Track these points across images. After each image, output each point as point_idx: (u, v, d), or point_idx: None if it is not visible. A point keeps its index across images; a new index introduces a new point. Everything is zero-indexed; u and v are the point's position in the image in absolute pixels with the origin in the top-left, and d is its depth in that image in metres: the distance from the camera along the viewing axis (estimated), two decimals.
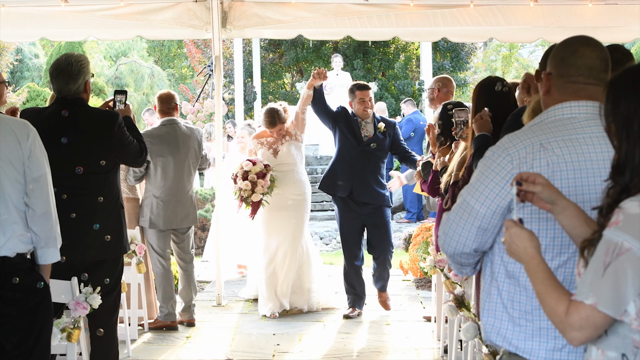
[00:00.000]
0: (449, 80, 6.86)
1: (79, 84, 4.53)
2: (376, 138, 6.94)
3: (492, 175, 2.39)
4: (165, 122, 6.66)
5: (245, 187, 6.94)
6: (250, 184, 6.94)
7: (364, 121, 6.97)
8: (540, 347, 2.33)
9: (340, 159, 7.02)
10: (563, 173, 2.34)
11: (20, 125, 3.45)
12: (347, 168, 6.95)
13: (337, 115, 7.01)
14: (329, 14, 7.36)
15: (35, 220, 3.42)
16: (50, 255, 3.49)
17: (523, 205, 2.32)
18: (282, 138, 7.15)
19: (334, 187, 7.03)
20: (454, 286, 5.06)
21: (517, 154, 2.37)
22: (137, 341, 6.33)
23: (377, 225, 7.02)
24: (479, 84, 4.50)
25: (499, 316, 2.42)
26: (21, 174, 3.39)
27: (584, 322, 1.95)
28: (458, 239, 2.46)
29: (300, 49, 20.02)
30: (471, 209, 2.41)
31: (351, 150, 6.93)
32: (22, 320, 3.40)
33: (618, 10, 7.27)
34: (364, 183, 6.91)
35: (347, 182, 6.92)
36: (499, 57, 26.32)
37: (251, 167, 6.98)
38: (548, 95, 2.52)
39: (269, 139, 7.20)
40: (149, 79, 23.35)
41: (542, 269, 2.10)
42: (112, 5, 7.15)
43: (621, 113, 2.03)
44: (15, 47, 20.04)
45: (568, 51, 2.48)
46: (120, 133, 4.64)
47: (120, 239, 4.72)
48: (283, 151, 7.15)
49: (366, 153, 6.92)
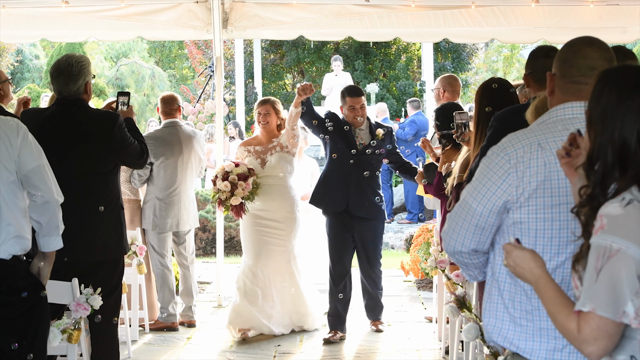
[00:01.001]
0: (454, 79, 6.78)
1: (79, 85, 4.53)
2: (373, 145, 6.30)
3: (489, 175, 2.42)
4: (167, 123, 6.67)
5: (224, 188, 6.29)
6: (230, 184, 6.28)
7: (358, 128, 6.33)
8: (541, 347, 2.33)
9: (333, 170, 6.33)
10: (560, 173, 2.34)
11: (9, 124, 3.42)
12: (341, 180, 6.27)
13: (328, 123, 6.33)
14: (330, 14, 7.36)
15: (37, 210, 3.44)
16: (53, 242, 3.52)
17: (520, 205, 2.35)
18: (273, 148, 6.44)
19: (327, 201, 6.37)
20: (455, 287, 5.06)
21: (514, 153, 2.39)
22: (138, 342, 6.33)
23: (370, 242, 6.39)
24: (482, 85, 4.49)
25: (500, 316, 2.43)
26: (13, 173, 3.37)
27: (596, 332, 1.92)
28: (457, 238, 2.49)
29: (301, 50, 20.03)
30: (469, 207, 2.44)
31: (345, 161, 6.25)
32: (18, 322, 3.39)
33: (619, 11, 7.27)
34: (361, 196, 6.26)
35: (342, 195, 6.26)
36: (500, 57, 26.32)
37: (233, 168, 6.35)
38: (552, 96, 2.54)
39: (257, 148, 6.51)
40: (149, 79, 23.34)
41: (551, 287, 2.07)
42: (112, 6, 7.16)
43: (601, 105, 2.03)
44: (15, 48, 20.06)
45: (571, 52, 2.49)
46: (121, 134, 4.62)
47: (120, 240, 4.71)
48: (272, 162, 6.43)
49: (362, 162, 6.27)
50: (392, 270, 8.84)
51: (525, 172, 2.36)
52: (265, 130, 6.48)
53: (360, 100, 6.31)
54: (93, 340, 4.55)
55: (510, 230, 2.40)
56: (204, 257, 10.38)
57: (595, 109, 2.05)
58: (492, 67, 25.85)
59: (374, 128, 6.40)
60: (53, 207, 3.48)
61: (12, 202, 3.37)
